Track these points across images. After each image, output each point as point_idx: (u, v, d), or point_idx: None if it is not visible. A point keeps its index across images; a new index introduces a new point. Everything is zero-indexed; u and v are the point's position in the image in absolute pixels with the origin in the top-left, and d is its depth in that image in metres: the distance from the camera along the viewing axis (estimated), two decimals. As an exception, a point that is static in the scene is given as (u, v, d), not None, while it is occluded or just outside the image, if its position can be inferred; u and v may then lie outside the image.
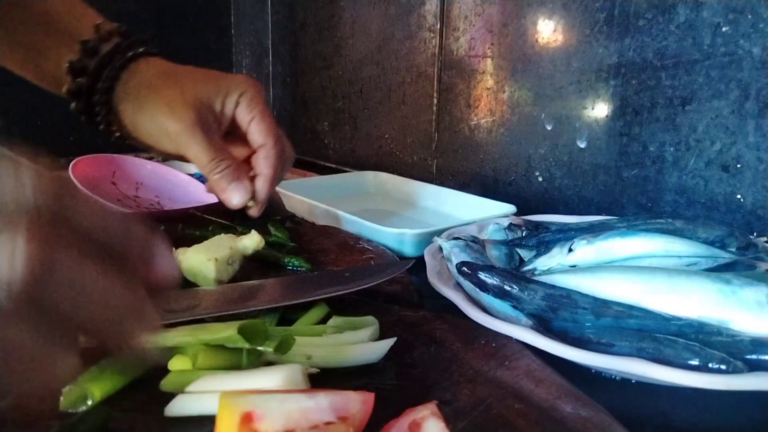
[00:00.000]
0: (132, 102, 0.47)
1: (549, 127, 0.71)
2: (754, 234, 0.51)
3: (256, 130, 0.50)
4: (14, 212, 0.18)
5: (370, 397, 0.25)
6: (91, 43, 0.48)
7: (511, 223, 0.54)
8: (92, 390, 0.28)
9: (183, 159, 0.48)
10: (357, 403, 0.25)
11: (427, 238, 0.53)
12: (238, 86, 0.49)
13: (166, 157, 0.51)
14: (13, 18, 0.48)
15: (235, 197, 0.48)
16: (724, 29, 0.53)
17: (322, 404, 0.24)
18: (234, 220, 0.59)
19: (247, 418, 0.23)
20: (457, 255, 0.46)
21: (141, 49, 0.49)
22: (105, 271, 0.20)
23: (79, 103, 0.49)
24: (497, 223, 0.55)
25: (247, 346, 0.30)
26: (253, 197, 0.50)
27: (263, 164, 0.50)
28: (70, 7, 0.50)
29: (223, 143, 0.49)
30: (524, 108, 0.74)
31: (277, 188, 0.76)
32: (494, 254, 0.49)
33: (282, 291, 0.41)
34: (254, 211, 0.51)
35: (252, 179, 0.50)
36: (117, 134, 0.51)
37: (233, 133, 0.51)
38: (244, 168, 0.50)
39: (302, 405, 0.24)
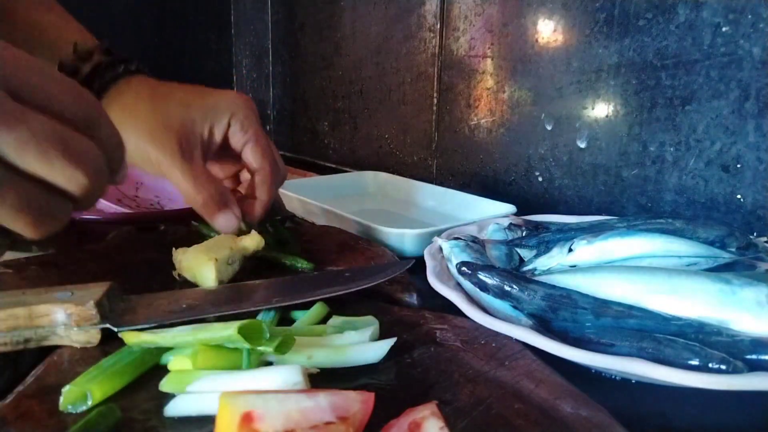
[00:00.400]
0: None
1: (549, 127, 0.71)
2: (754, 234, 0.51)
3: (252, 154, 0.49)
4: None
5: (369, 397, 0.25)
6: (69, 65, 0.47)
7: (511, 223, 0.54)
8: (92, 390, 0.28)
9: None
10: (357, 403, 0.25)
11: (427, 238, 0.53)
12: (227, 108, 0.48)
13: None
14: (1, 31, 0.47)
15: (222, 225, 0.47)
16: (724, 29, 0.53)
17: (322, 404, 0.24)
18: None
19: (247, 418, 0.23)
20: (457, 255, 0.46)
21: (122, 68, 0.48)
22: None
23: None
24: (497, 223, 0.55)
25: (247, 346, 0.30)
26: (247, 219, 0.50)
27: (260, 189, 0.50)
28: (54, 20, 0.49)
29: (207, 170, 0.48)
30: (524, 108, 0.74)
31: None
32: (494, 254, 0.49)
33: (282, 291, 0.41)
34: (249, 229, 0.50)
35: (243, 198, 0.50)
36: None
37: (226, 151, 0.50)
38: (229, 195, 0.48)
39: (302, 405, 0.24)
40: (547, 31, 0.69)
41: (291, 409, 0.24)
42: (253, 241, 0.47)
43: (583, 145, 0.67)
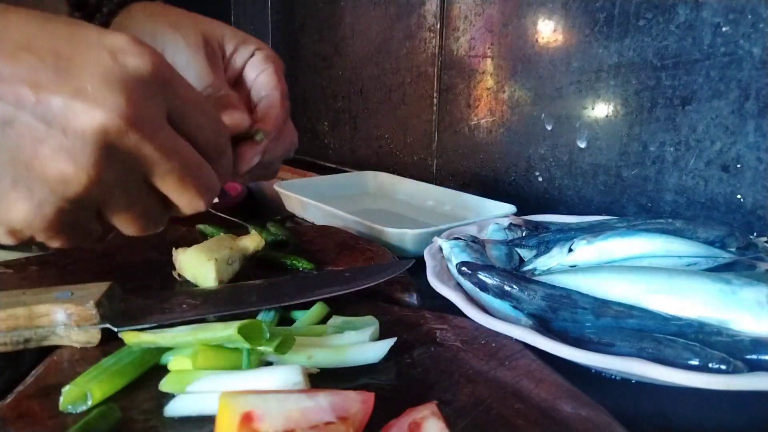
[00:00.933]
0: (134, 26, 0.44)
1: (549, 127, 0.71)
2: (754, 234, 0.51)
3: (264, 82, 0.46)
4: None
5: (369, 397, 0.25)
6: None
7: (511, 223, 0.54)
8: (92, 390, 0.28)
9: None
10: (356, 403, 0.25)
11: (427, 238, 0.53)
12: (257, 42, 0.47)
13: None
14: None
15: (228, 119, 0.41)
16: (724, 29, 0.53)
17: (322, 404, 0.24)
18: (247, 220, 0.59)
19: (247, 418, 0.23)
20: (457, 255, 0.46)
21: None
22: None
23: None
24: (497, 223, 0.55)
25: (247, 346, 0.30)
26: (256, 128, 0.43)
27: (265, 106, 0.45)
28: None
29: (224, 79, 0.44)
30: (524, 108, 0.74)
31: (278, 188, 0.76)
32: (494, 254, 0.49)
33: (282, 291, 0.41)
34: (264, 142, 0.43)
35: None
36: None
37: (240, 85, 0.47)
38: (242, 104, 0.44)
39: (302, 405, 0.24)
40: (547, 31, 0.69)
41: (291, 409, 0.24)
42: (253, 241, 0.47)
43: (583, 145, 0.67)
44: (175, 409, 0.28)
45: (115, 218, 0.31)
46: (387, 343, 0.33)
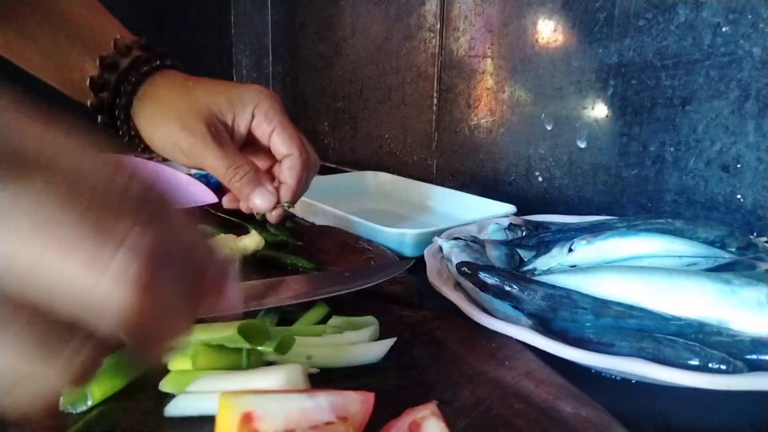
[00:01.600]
0: (146, 117, 0.48)
1: (549, 127, 0.71)
2: (754, 234, 0.51)
3: (279, 141, 0.49)
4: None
5: (369, 397, 0.25)
6: (109, 59, 0.48)
7: (511, 223, 0.54)
8: (92, 390, 0.28)
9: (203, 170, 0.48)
10: (356, 403, 0.25)
11: (427, 238, 0.53)
12: (252, 98, 0.48)
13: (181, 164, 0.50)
14: (42, 29, 0.48)
15: (258, 201, 0.48)
16: (724, 29, 0.53)
17: (322, 404, 0.24)
18: (247, 220, 0.59)
19: (247, 418, 0.23)
20: (457, 255, 0.46)
21: (157, 63, 0.49)
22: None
23: (104, 116, 0.49)
24: (497, 223, 0.55)
25: (247, 346, 0.30)
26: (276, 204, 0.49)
27: (287, 174, 0.50)
28: (92, 16, 0.50)
29: (238, 151, 0.48)
30: (524, 108, 0.74)
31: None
32: (494, 254, 0.49)
33: (282, 291, 0.41)
34: (274, 217, 0.51)
35: (276, 189, 0.50)
36: (141, 146, 0.51)
37: (254, 146, 0.51)
38: (266, 175, 0.49)
39: (302, 405, 0.24)
40: (547, 31, 0.69)
41: (291, 409, 0.24)
42: (253, 241, 0.47)
43: (583, 145, 0.67)
44: (175, 409, 0.28)
45: None
46: (387, 343, 0.33)
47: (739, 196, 0.54)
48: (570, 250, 0.44)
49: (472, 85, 0.81)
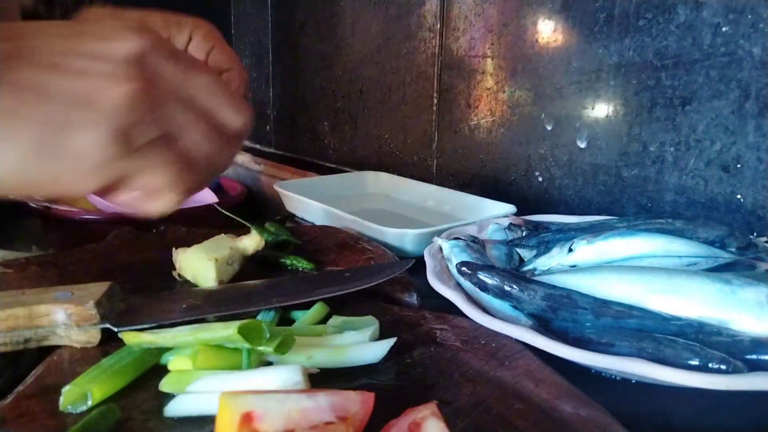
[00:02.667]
0: None
1: (549, 127, 0.71)
2: (754, 234, 0.51)
3: (219, 56, 0.50)
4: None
5: (369, 396, 0.25)
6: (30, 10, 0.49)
7: (511, 223, 0.54)
8: (92, 390, 0.28)
9: None
10: (356, 403, 0.25)
11: (427, 238, 0.53)
12: (190, 22, 0.49)
13: None
14: None
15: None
16: (724, 29, 0.53)
17: (322, 404, 0.24)
18: (247, 220, 0.59)
19: (247, 418, 0.23)
20: (457, 255, 0.46)
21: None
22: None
23: None
24: (497, 223, 0.55)
25: (247, 346, 0.30)
26: None
27: (231, 81, 0.50)
28: None
29: None
30: (524, 108, 0.74)
31: (278, 188, 0.76)
32: (494, 254, 0.49)
33: (282, 291, 0.41)
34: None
35: None
36: None
37: None
38: None
39: (302, 405, 0.24)
40: (547, 31, 0.69)
41: (291, 408, 0.24)
42: (253, 241, 0.47)
43: (583, 145, 0.67)
44: (175, 409, 0.28)
45: (184, 142, 0.30)
46: (387, 343, 0.33)
47: (739, 196, 0.54)
48: (570, 250, 0.44)
49: (472, 85, 0.81)
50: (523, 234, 0.52)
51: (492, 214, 0.62)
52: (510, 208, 0.65)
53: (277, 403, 0.24)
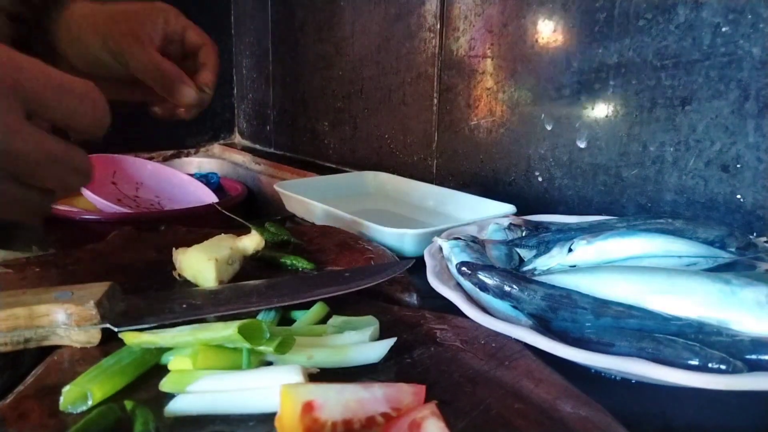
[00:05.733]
0: (71, 43, 0.50)
1: (549, 127, 0.71)
2: (754, 234, 0.51)
3: (193, 34, 0.55)
4: None
5: (421, 389, 0.26)
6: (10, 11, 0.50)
7: (511, 223, 0.54)
8: (92, 390, 0.28)
9: (133, 84, 0.51)
10: (409, 395, 0.26)
11: (427, 238, 0.53)
12: (157, 10, 0.53)
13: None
14: None
15: (185, 96, 0.51)
16: (724, 29, 0.53)
17: (378, 395, 0.25)
18: (247, 220, 0.59)
19: (308, 408, 0.24)
20: (457, 255, 0.46)
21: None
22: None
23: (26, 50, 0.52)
24: (497, 223, 0.55)
25: (247, 346, 0.30)
26: (205, 87, 0.54)
27: (205, 57, 0.55)
28: None
29: (159, 54, 0.52)
30: (524, 108, 0.74)
31: (278, 188, 0.76)
32: (494, 254, 0.49)
33: (282, 291, 0.41)
34: (207, 98, 0.55)
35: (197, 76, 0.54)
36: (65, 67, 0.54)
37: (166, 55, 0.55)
38: (181, 71, 0.53)
39: (359, 396, 0.25)
40: (547, 31, 0.69)
41: (349, 399, 0.25)
42: (253, 241, 0.47)
43: (583, 145, 0.67)
44: (175, 409, 0.28)
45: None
46: (387, 343, 0.33)
47: (739, 196, 0.54)
48: (570, 250, 0.44)
49: (472, 85, 0.81)
50: (523, 234, 0.52)
51: (492, 214, 0.62)
52: (510, 208, 0.65)
53: (336, 393, 0.25)
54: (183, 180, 0.99)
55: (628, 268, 0.39)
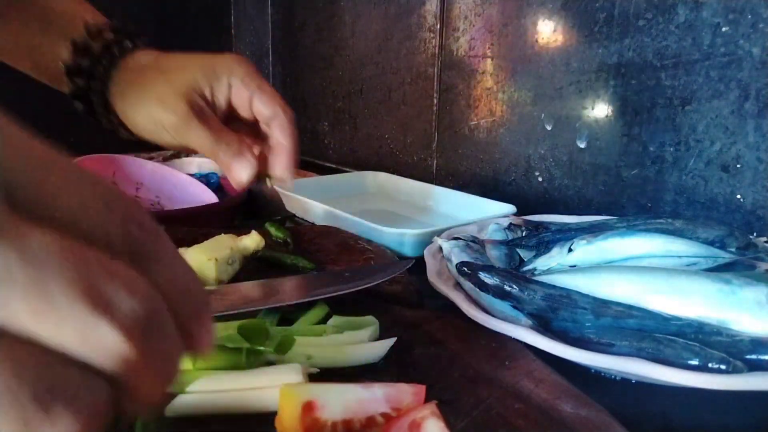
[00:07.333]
0: (126, 101, 0.47)
1: (549, 127, 0.71)
2: (754, 234, 0.51)
3: (261, 104, 0.48)
4: None
5: (421, 389, 0.26)
6: (81, 44, 0.47)
7: (511, 223, 0.54)
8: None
9: (190, 150, 0.47)
10: (409, 395, 0.26)
11: (427, 238, 0.53)
12: (225, 68, 0.48)
13: (174, 152, 0.50)
14: (12, 15, 0.48)
15: (241, 173, 0.46)
16: (724, 29, 0.53)
17: (378, 395, 0.25)
18: (248, 220, 0.59)
19: (308, 408, 0.24)
20: (457, 255, 0.46)
21: (129, 44, 0.48)
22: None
23: (83, 104, 0.49)
24: (497, 223, 0.55)
25: (247, 346, 0.30)
26: (270, 174, 0.49)
27: (280, 135, 0.48)
28: (66, 2, 0.50)
29: (223, 126, 0.47)
30: (524, 108, 0.74)
31: (278, 188, 0.76)
32: (494, 254, 0.49)
33: (282, 291, 0.41)
34: (290, 185, 0.50)
35: (264, 157, 0.49)
36: (125, 133, 0.50)
37: (237, 120, 0.50)
38: (247, 144, 0.48)
39: (359, 396, 0.25)
40: (547, 31, 0.69)
41: (349, 399, 0.25)
42: (253, 241, 0.47)
43: (583, 145, 0.67)
44: (175, 409, 0.28)
45: None
46: (387, 343, 0.33)
47: (739, 196, 0.54)
48: (570, 250, 0.44)
49: (472, 85, 0.81)
50: (523, 234, 0.52)
51: (492, 214, 0.62)
52: (510, 208, 0.65)
53: (336, 393, 0.25)
54: (183, 180, 0.99)
55: (628, 268, 0.39)
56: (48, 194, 0.15)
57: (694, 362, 0.31)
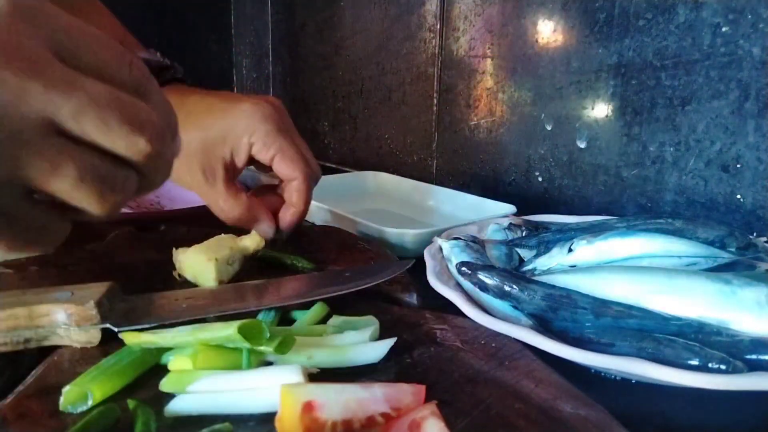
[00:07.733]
0: None
1: (549, 127, 0.71)
2: (754, 234, 0.51)
3: (282, 166, 0.50)
4: None
5: (421, 389, 0.26)
6: None
7: (511, 223, 0.54)
8: (92, 390, 0.28)
9: None
10: (409, 395, 0.26)
11: (427, 238, 0.53)
12: (246, 128, 0.48)
13: None
14: None
15: (264, 233, 0.49)
16: (724, 29, 0.53)
17: (377, 395, 0.25)
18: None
19: (308, 408, 0.24)
20: (457, 255, 0.46)
21: (165, 77, 0.50)
22: None
23: None
24: (497, 223, 0.55)
25: (247, 346, 0.30)
26: (281, 228, 0.52)
27: (295, 197, 0.51)
28: (102, 24, 0.51)
29: (234, 190, 0.49)
30: (524, 108, 0.74)
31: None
32: (494, 254, 0.49)
33: (282, 291, 0.41)
34: (282, 237, 0.53)
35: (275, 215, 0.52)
36: None
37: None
38: (259, 208, 0.51)
39: (359, 395, 0.25)
40: (547, 31, 0.69)
41: (349, 399, 0.25)
42: (253, 241, 0.47)
43: (583, 145, 0.67)
44: (175, 409, 0.28)
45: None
46: (387, 343, 0.33)
47: (739, 196, 0.54)
48: (570, 250, 0.44)
49: (472, 85, 0.81)
50: (523, 234, 0.52)
51: (492, 214, 0.62)
52: (510, 208, 0.65)
53: (336, 393, 0.25)
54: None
55: (628, 268, 0.39)
56: (82, 51, 0.25)
57: (694, 362, 0.31)
